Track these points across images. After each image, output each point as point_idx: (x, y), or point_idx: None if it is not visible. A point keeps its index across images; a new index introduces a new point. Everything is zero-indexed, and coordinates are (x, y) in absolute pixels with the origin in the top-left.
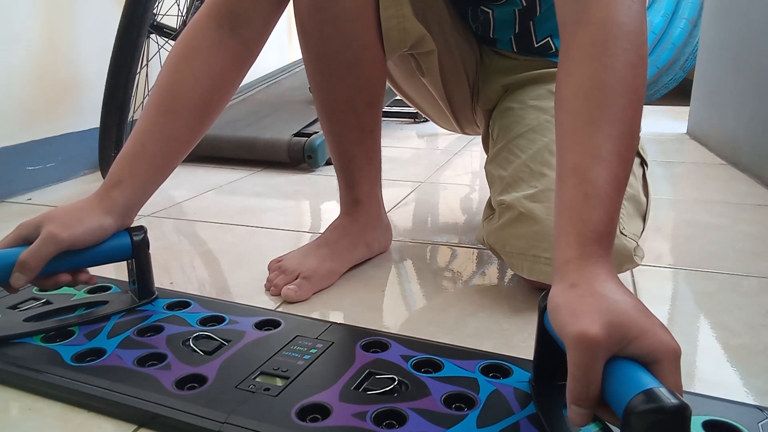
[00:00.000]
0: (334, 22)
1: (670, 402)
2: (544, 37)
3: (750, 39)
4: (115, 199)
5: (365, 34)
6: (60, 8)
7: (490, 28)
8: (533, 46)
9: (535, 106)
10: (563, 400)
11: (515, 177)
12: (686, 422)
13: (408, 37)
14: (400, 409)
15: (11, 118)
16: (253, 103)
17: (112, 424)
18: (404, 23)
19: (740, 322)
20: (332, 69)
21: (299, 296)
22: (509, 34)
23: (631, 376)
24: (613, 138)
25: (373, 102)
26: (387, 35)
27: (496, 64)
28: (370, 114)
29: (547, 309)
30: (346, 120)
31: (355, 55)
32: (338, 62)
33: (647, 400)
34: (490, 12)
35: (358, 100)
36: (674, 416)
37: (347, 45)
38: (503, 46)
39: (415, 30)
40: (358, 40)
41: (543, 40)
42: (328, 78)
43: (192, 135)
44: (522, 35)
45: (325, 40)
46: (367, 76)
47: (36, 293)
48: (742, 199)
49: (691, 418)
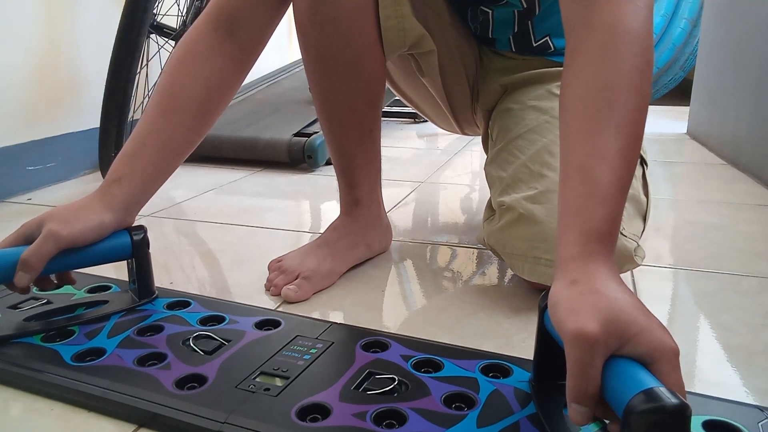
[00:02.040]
0: (333, 22)
1: (671, 401)
2: (543, 36)
3: (750, 39)
4: (114, 195)
5: (364, 34)
6: (60, 8)
7: (489, 28)
8: (532, 45)
9: (535, 106)
10: (563, 399)
11: (515, 178)
12: (686, 422)
13: (407, 37)
14: (400, 409)
15: (11, 118)
16: (253, 103)
17: (112, 424)
18: (403, 23)
19: (740, 322)
20: (332, 69)
21: (299, 296)
22: (508, 34)
23: (631, 376)
24: (618, 140)
25: (372, 102)
26: (386, 35)
27: (495, 64)
28: (370, 114)
29: (547, 308)
30: (345, 120)
31: (355, 55)
32: (338, 62)
33: (647, 399)
34: (490, 12)
35: (358, 100)
36: (674, 416)
37: (346, 45)
38: (502, 46)
39: (415, 30)
40: (357, 40)
41: (541, 39)
42: (328, 78)
43: (191, 135)
44: (521, 35)
45: (324, 41)
46: (367, 76)
47: (36, 293)
48: (742, 199)
49: (692, 418)
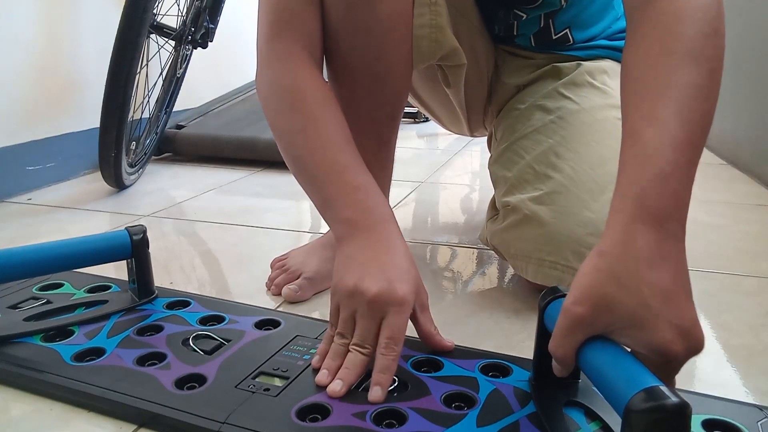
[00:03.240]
0: (367, 32)
1: (671, 401)
2: (563, 29)
3: (749, 39)
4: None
5: (398, 47)
6: (60, 8)
7: (515, 29)
8: (551, 39)
9: (541, 105)
10: (563, 398)
11: (520, 178)
12: (686, 421)
13: (439, 49)
14: (399, 408)
15: (11, 118)
16: (253, 103)
17: (112, 424)
18: (437, 34)
19: (740, 322)
20: (358, 82)
21: (300, 296)
22: (532, 31)
23: (631, 371)
24: (676, 102)
25: (394, 115)
26: (417, 44)
27: (510, 64)
28: (390, 125)
29: (547, 307)
30: (364, 130)
31: (385, 69)
32: (365, 76)
33: (648, 398)
34: (524, 16)
35: (380, 111)
36: (675, 415)
37: (377, 59)
38: (522, 41)
39: (448, 43)
40: (390, 54)
41: (561, 32)
42: (352, 90)
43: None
44: (543, 30)
45: (355, 51)
46: (393, 89)
47: (36, 293)
48: (742, 199)
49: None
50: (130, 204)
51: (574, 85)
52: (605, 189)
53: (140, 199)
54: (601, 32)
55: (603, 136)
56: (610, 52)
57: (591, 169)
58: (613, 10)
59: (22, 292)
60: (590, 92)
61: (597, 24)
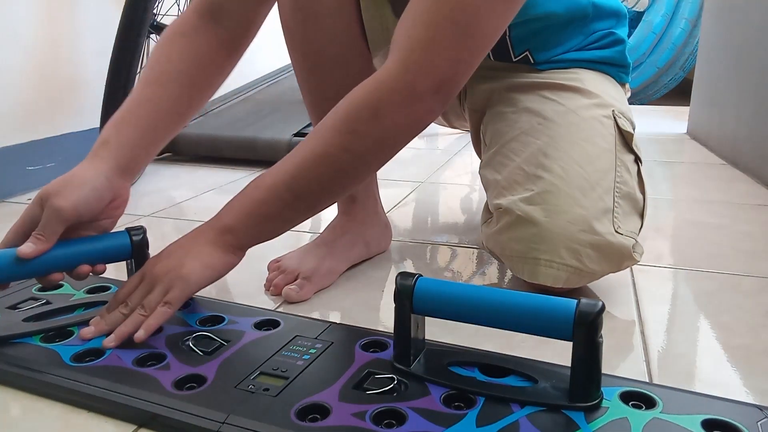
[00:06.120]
0: (316, 18)
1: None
2: (522, 51)
3: (750, 39)
4: (103, 158)
5: (348, 29)
6: (60, 8)
7: None
8: (512, 59)
9: (527, 108)
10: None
11: (510, 180)
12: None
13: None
14: (399, 408)
15: (11, 118)
16: (253, 103)
17: (111, 424)
18: (386, 23)
19: (740, 322)
20: (318, 66)
21: (301, 296)
22: None
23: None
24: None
25: None
26: (371, 36)
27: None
28: None
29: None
30: None
31: (340, 50)
32: (323, 58)
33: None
34: None
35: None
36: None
37: (330, 41)
38: None
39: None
40: (341, 35)
41: (521, 54)
42: (316, 75)
43: (179, 106)
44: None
45: (308, 38)
46: (355, 71)
47: (36, 293)
48: (742, 199)
49: (691, 417)
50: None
51: (557, 89)
52: (595, 186)
53: (140, 200)
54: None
55: (591, 134)
56: (580, 64)
57: (580, 167)
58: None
59: (22, 292)
60: (573, 95)
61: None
